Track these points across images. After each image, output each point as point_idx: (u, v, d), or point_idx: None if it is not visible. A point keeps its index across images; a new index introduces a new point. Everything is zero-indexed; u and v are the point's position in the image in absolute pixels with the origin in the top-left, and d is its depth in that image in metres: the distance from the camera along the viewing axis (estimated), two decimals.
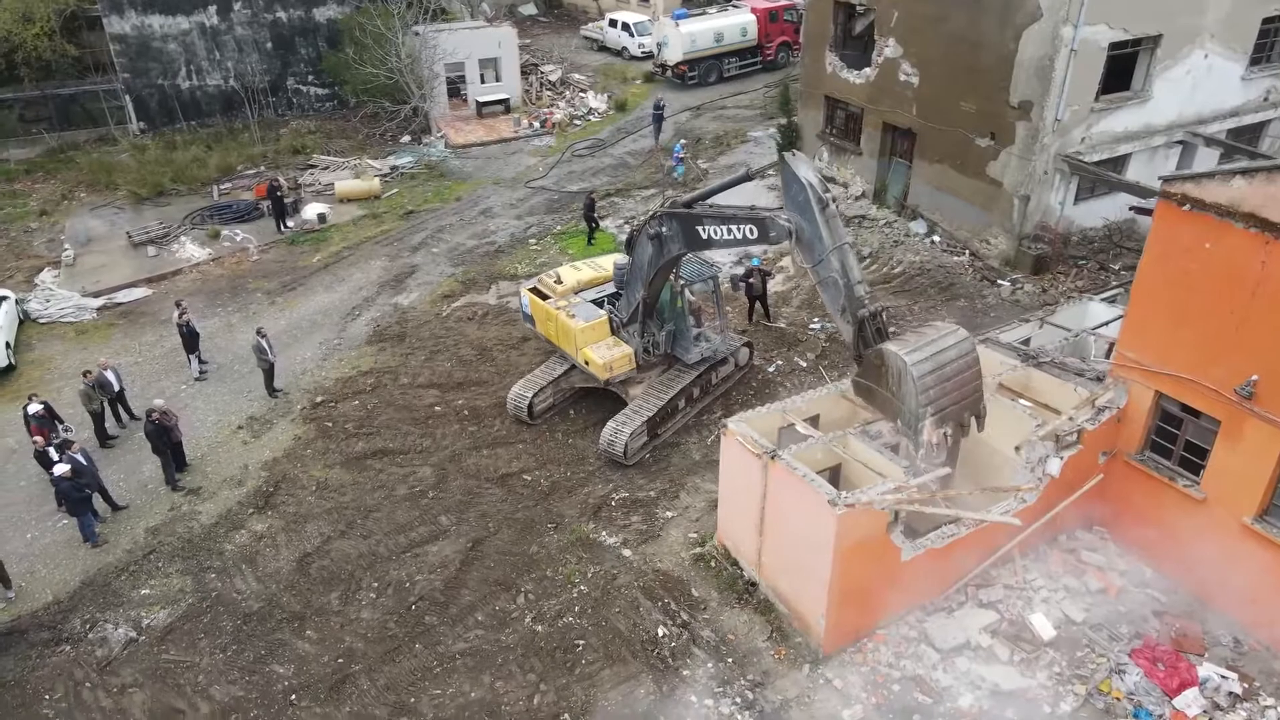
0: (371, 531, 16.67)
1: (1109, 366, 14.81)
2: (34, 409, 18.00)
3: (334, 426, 19.51)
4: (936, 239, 25.60)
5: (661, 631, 14.30)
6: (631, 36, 45.08)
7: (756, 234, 14.27)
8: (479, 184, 31.97)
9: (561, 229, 28.34)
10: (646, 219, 16.58)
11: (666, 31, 40.20)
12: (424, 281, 25.52)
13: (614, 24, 46.46)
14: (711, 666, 13.68)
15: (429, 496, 17.48)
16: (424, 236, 28.17)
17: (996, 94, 22.93)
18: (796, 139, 30.63)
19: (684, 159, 31.63)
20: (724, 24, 40.69)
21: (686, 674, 13.59)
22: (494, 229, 28.54)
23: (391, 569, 15.82)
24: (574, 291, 19.56)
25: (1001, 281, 23.41)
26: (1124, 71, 23.15)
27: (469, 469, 18.16)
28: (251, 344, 20.36)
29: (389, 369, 21.46)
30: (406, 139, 35.87)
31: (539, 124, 36.66)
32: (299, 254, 27.34)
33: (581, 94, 40.10)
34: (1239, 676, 12.87)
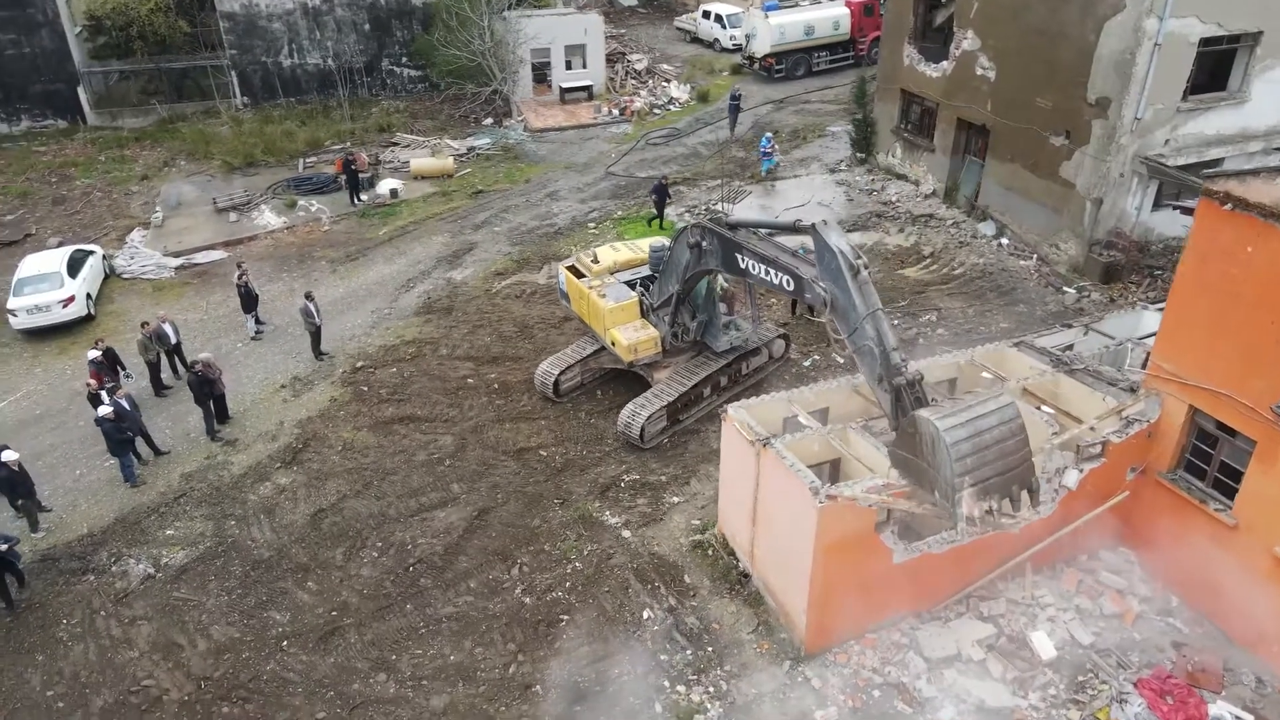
0: (385, 493, 17.06)
1: (1143, 377, 13.82)
2: (93, 354, 19.15)
3: (369, 391, 20.06)
4: (1005, 241, 24.42)
5: (647, 614, 14.16)
6: (723, 28, 44.73)
7: (793, 287, 13.78)
8: (551, 167, 32.30)
9: (623, 214, 28.35)
10: (688, 226, 16.28)
11: (755, 23, 39.70)
12: (480, 258, 25.95)
13: (707, 15, 46.22)
14: (690, 654, 13.45)
15: (445, 464, 17.76)
16: (488, 215, 28.64)
17: (1074, 90, 21.69)
18: (871, 134, 29.77)
19: (771, 153, 29.95)
20: (815, 17, 39.85)
21: (664, 659, 13.41)
22: (556, 211, 28.78)
23: (397, 530, 16.16)
24: (610, 271, 19.48)
25: (1067, 289, 22.10)
26: (1219, 70, 21.57)
27: (488, 440, 18.37)
28: (299, 307, 21.13)
29: (431, 340, 21.91)
30: (488, 121, 36.56)
31: (618, 111, 36.76)
32: (367, 226, 28.23)
33: (665, 84, 40.00)
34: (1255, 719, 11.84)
